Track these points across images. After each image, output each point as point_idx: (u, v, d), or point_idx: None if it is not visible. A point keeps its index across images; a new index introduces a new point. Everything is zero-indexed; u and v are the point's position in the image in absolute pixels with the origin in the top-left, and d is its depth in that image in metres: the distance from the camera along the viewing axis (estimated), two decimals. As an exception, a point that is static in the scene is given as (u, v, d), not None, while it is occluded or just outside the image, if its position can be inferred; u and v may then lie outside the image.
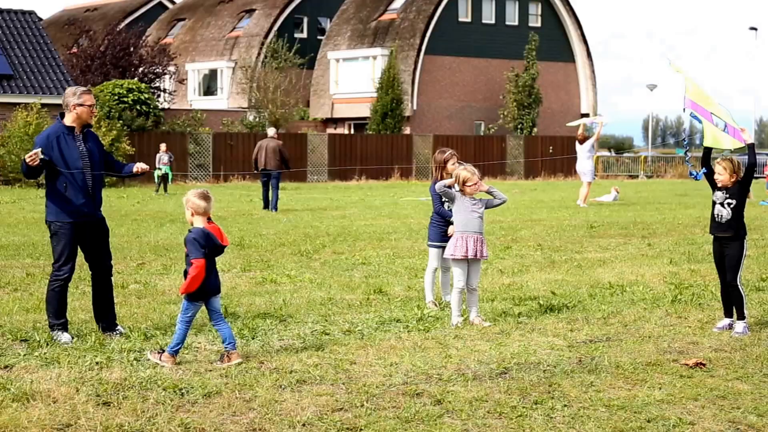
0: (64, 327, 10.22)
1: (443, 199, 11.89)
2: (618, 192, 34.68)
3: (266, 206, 29.33)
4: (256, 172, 30.62)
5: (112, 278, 10.79)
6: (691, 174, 11.01)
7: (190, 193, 9.27)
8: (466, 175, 11.01)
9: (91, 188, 10.35)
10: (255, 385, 8.22)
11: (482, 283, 13.47)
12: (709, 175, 10.70)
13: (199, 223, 9.29)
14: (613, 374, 8.67)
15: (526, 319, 11.19)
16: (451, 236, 11.66)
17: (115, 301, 12.31)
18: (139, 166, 10.65)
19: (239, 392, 8.02)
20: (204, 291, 9.13)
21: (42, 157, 10.02)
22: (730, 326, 10.53)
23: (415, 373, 8.68)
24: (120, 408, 7.60)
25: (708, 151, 10.91)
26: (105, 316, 10.51)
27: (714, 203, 10.70)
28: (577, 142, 31.67)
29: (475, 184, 10.98)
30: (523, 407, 7.70)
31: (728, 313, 10.66)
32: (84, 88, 10.61)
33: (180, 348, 9.10)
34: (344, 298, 12.71)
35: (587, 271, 15.50)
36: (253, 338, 10.12)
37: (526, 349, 9.64)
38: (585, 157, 30.99)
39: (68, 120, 10.44)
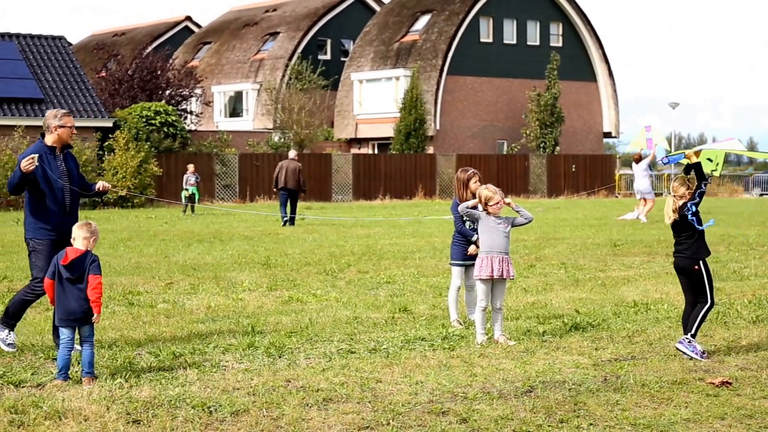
0: (13, 328, 10.56)
1: (464, 219, 11.87)
2: (638, 210, 34.52)
3: (285, 223, 30.69)
4: (275, 190, 31.96)
5: None
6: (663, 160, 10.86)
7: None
8: (488, 195, 10.97)
9: (69, 206, 10.63)
10: (282, 403, 8.21)
11: (507, 301, 13.43)
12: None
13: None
14: (639, 393, 8.61)
15: (551, 337, 11.13)
16: (471, 255, 11.64)
17: (144, 320, 12.36)
18: (101, 185, 10.97)
19: (266, 410, 8.01)
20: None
21: (37, 164, 10.26)
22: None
23: (441, 392, 8.64)
24: (150, 426, 7.60)
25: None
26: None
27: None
28: (633, 162, 32.64)
29: (498, 203, 10.93)
30: (549, 426, 7.65)
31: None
32: (64, 111, 10.93)
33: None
34: (370, 317, 12.68)
35: (611, 289, 15.42)
36: (279, 357, 10.11)
37: (551, 368, 9.58)
38: (642, 175, 31.89)
39: (49, 140, 10.68)
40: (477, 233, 11.70)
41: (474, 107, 62.60)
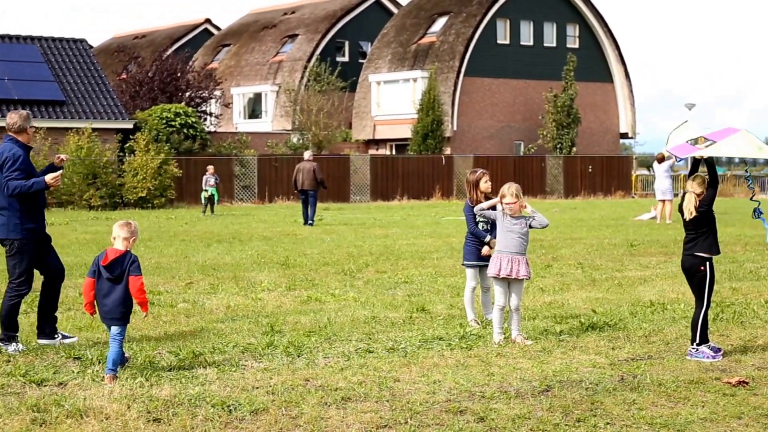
0: (14, 339, 10.61)
1: (478, 220, 11.84)
2: (656, 211, 34.41)
3: (306, 222, 31.42)
4: (296, 191, 32.85)
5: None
6: (756, 213, 10.58)
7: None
8: (503, 192, 10.98)
9: (42, 205, 10.96)
10: (301, 402, 8.21)
11: (524, 301, 13.40)
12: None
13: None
14: (656, 392, 8.59)
15: (568, 337, 11.11)
16: (485, 256, 11.63)
17: (164, 320, 12.39)
18: (60, 157, 11.10)
19: (285, 409, 8.02)
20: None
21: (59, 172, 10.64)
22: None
23: (458, 391, 8.64)
24: (170, 424, 7.61)
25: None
26: (48, 321, 10.88)
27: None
28: (655, 162, 32.80)
29: (514, 203, 10.89)
30: (566, 425, 7.63)
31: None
32: (27, 112, 11.03)
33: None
34: (387, 317, 12.68)
35: (628, 289, 15.39)
36: (298, 356, 10.12)
37: (568, 367, 9.56)
38: (663, 176, 31.72)
39: (25, 140, 10.85)
40: (490, 234, 11.70)
41: (491, 108, 62.53)
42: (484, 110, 62.25)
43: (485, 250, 11.73)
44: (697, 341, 10.01)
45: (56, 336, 10.85)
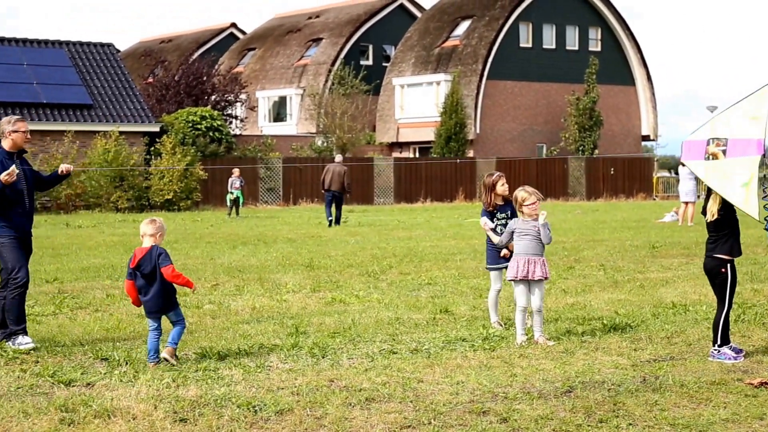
0: (24, 331, 10.74)
1: (495, 225, 11.78)
2: (677, 214, 34.29)
3: (330, 224, 31.90)
4: (323, 191, 33.07)
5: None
6: None
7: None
8: (524, 195, 10.94)
9: (28, 207, 11.02)
10: (325, 402, 8.22)
11: (546, 302, 13.37)
12: None
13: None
14: (678, 393, 8.55)
15: (590, 338, 11.08)
16: (506, 258, 11.61)
17: (190, 321, 12.44)
18: (63, 167, 11.34)
19: (310, 410, 8.03)
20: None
21: (18, 170, 10.72)
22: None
23: (481, 392, 8.63)
24: (196, 425, 7.64)
25: None
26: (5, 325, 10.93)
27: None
28: (680, 164, 32.47)
29: (534, 203, 10.88)
30: (588, 426, 7.61)
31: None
32: (17, 117, 11.24)
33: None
34: (411, 318, 12.68)
35: (650, 290, 15.33)
36: (323, 357, 10.13)
37: (590, 368, 9.54)
38: (688, 178, 31.42)
39: (6, 146, 11.02)
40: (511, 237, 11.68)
41: (513, 111, 62.45)
42: (506, 113, 62.17)
43: (504, 251, 11.70)
44: (719, 342, 9.97)
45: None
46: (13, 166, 10.75)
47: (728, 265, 10.01)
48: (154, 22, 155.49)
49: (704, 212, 10.08)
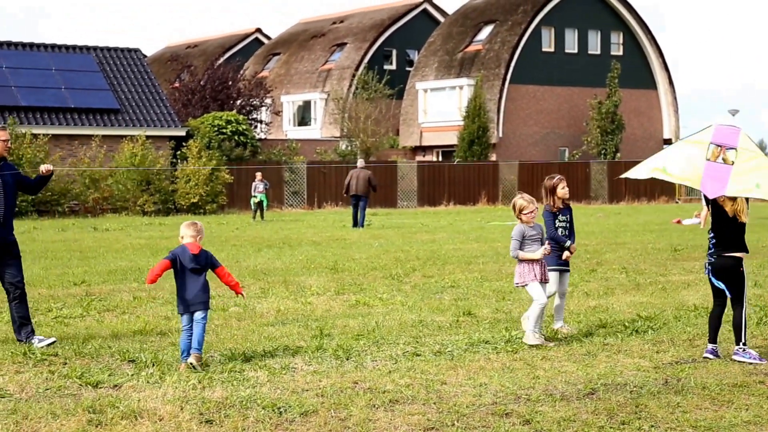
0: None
1: (557, 225, 11.69)
2: (699, 217, 34.09)
3: (355, 225, 32.60)
4: (345, 195, 33.92)
5: (27, 296, 11.34)
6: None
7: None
8: (522, 204, 11.04)
9: (2, 216, 10.99)
10: (350, 404, 8.23)
11: (568, 305, 13.35)
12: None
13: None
14: (700, 395, 8.52)
15: (612, 340, 11.05)
16: (565, 260, 11.58)
17: (216, 323, 12.47)
18: (44, 168, 11.38)
19: (334, 411, 8.03)
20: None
21: None
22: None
23: (504, 394, 8.62)
24: (222, 426, 7.65)
25: None
26: (25, 327, 11.07)
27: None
28: None
29: (532, 211, 10.97)
30: (611, 427, 7.59)
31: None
32: None
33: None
34: (434, 320, 12.67)
35: (672, 293, 15.28)
36: (347, 359, 10.13)
37: (612, 370, 9.51)
38: None
39: None
40: (571, 239, 11.65)
41: (536, 115, 62.35)
42: (529, 117, 62.08)
43: (565, 254, 11.63)
44: (743, 341, 9.94)
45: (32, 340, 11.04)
46: None
47: (742, 262, 10.03)
48: (180, 27, 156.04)
49: (725, 211, 9.99)
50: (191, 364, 9.59)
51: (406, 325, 12.25)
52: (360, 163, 35.09)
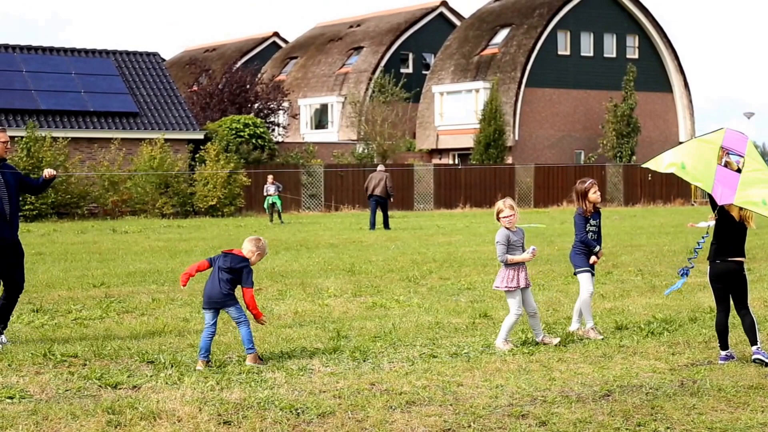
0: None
1: (587, 229, 11.64)
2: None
3: (372, 227, 32.93)
4: (368, 197, 34.17)
5: (20, 296, 11.52)
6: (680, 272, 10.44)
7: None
8: (500, 207, 11.05)
9: (8, 215, 11.12)
10: (367, 406, 8.23)
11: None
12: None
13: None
14: (716, 397, 8.50)
15: (628, 342, 11.03)
16: (593, 264, 11.54)
17: (233, 324, 12.49)
18: (47, 172, 11.53)
19: (352, 413, 8.04)
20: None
21: None
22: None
23: (520, 395, 8.61)
24: (240, 427, 7.67)
25: None
26: (2, 323, 11.26)
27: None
28: None
29: (512, 215, 10.96)
30: (627, 429, 7.58)
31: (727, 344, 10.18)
32: None
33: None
34: (451, 322, 12.67)
35: (687, 295, 15.23)
36: (364, 361, 10.14)
37: (628, 372, 9.50)
38: None
39: None
40: (599, 244, 11.62)
41: (552, 118, 62.25)
42: (545, 120, 62.00)
43: (592, 258, 11.60)
44: (759, 342, 9.91)
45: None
46: None
47: (744, 266, 10.02)
48: (199, 31, 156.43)
49: (732, 216, 9.93)
50: (249, 366, 9.73)
51: (423, 327, 12.25)
52: (380, 166, 35.76)
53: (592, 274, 11.75)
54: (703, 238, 10.17)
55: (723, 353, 10.04)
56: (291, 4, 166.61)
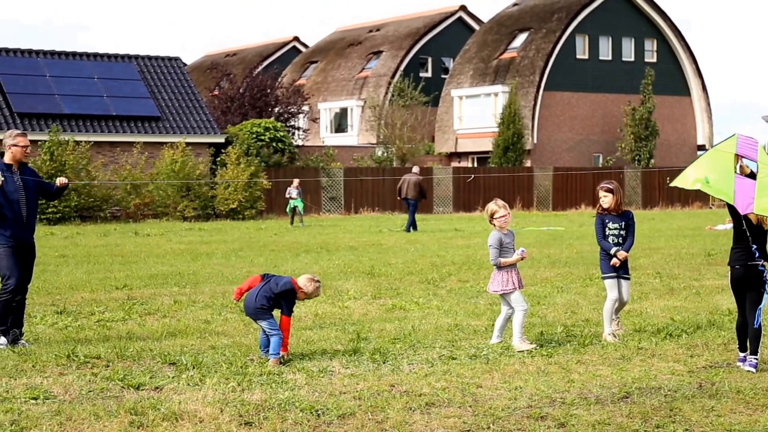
0: (4, 333, 11.15)
1: (606, 233, 11.57)
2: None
3: (412, 229, 33.70)
4: (399, 199, 35.48)
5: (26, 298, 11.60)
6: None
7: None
8: (493, 209, 11.02)
9: (26, 217, 11.26)
10: (386, 407, 8.23)
11: (603, 309, 13.28)
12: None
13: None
14: (734, 399, 8.46)
15: (647, 344, 11.00)
16: (614, 266, 11.44)
17: (255, 326, 12.50)
18: (59, 181, 11.65)
19: (372, 414, 8.04)
20: None
21: (2, 177, 11.02)
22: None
23: (539, 397, 8.60)
24: (261, 428, 7.68)
25: None
26: (14, 329, 11.30)
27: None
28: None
29: (503, 217, 10.94)
30: (645, 431, 7.56)
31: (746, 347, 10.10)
32: (18, 132, 11.49)
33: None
34: (470, 324, 12.66)
35: (706, 298, 15.18)
36: (384, 362, 10.14)
37: (647, 374, 9.47)
38: None
39: (6, 158, 11.36)
40: (622, 247, 11.52)
41: (570, 122, 62.14)
42: (563, 123, 61.89)
43: (614, 260, 11.49)
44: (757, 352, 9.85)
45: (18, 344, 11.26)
46: None
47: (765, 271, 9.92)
48: (219, 36, 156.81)
49: (751, 220, 9.86)
50: (271, 370, 9.80)
51: (442, 329, 12.25)
52: (415, 169, 36.52)
53: (622, 278, 11.57)
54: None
55: (742, 355, 9.98)
56: (311, 9, 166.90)
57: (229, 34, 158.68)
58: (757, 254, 9.80)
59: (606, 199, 11.59)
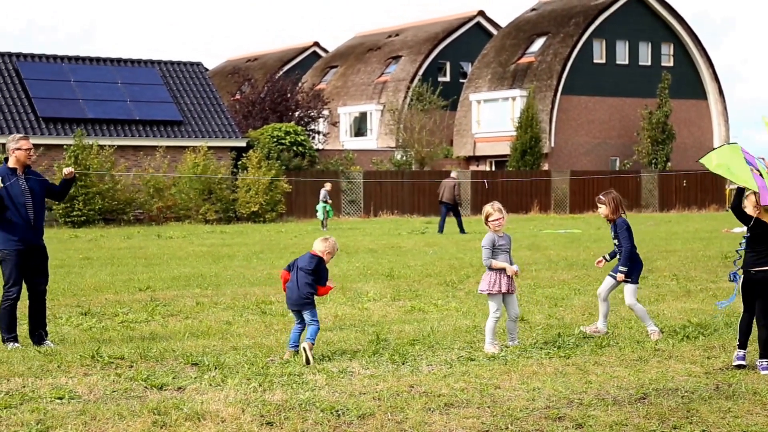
0: (15, 339, 11.21)
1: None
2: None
3: (440, 231, 34.19)
4: (440, 202, 35.90)
5: (46, 299, 11.63)
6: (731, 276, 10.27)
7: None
8: (488, 211, 11.03)
9: (33, 220, 11.28)
10: (406, 407, 8.23)
11: (621, 311, 13.27)
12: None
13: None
14: (751, 400, 8.43)
15: (664, 346, 10.96)
16: (618, 280, 11.55)
17: (276, 327, 12.53)
18: (66, 171, 11.66)
19: (391, 414, 8.04)
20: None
21: (2, 185, 11.05)
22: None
23: (557, 398, 8.58)
24: (282, 428, 7.69)
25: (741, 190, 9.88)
26: (38, 330, 11.38)
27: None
28: None
29: (497, 219, 10.93)
30: None
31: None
32: (21, 135, 11.54)
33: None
34: (488, 326, 12.63)
35: (722, 300, 15.09)
36: (403, 363, 10.14)
37: (664, 376, 9.44)
38: None
39: (11, 162, 11.38)
40: (622, 259, 11.59)
41: (587, 125, 62.01)
42: (580, 127, 61.77)
43: (600, 264, 11.70)
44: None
45: (43, 344, 11.32)
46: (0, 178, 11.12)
47: None
48: (241, 41, 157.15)
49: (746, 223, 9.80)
50: (304, 348, 10.11)
51: (461, 331, 12.24)
52: (453, 173, 37.46)
53: (628, 282, 11.75)
54: (744, 238, 10.04)
55: (741, 353, 9.88)
56: (331, 14, 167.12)
57: (251, 39, 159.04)
58: None
59: (599, 210, 11.81)
